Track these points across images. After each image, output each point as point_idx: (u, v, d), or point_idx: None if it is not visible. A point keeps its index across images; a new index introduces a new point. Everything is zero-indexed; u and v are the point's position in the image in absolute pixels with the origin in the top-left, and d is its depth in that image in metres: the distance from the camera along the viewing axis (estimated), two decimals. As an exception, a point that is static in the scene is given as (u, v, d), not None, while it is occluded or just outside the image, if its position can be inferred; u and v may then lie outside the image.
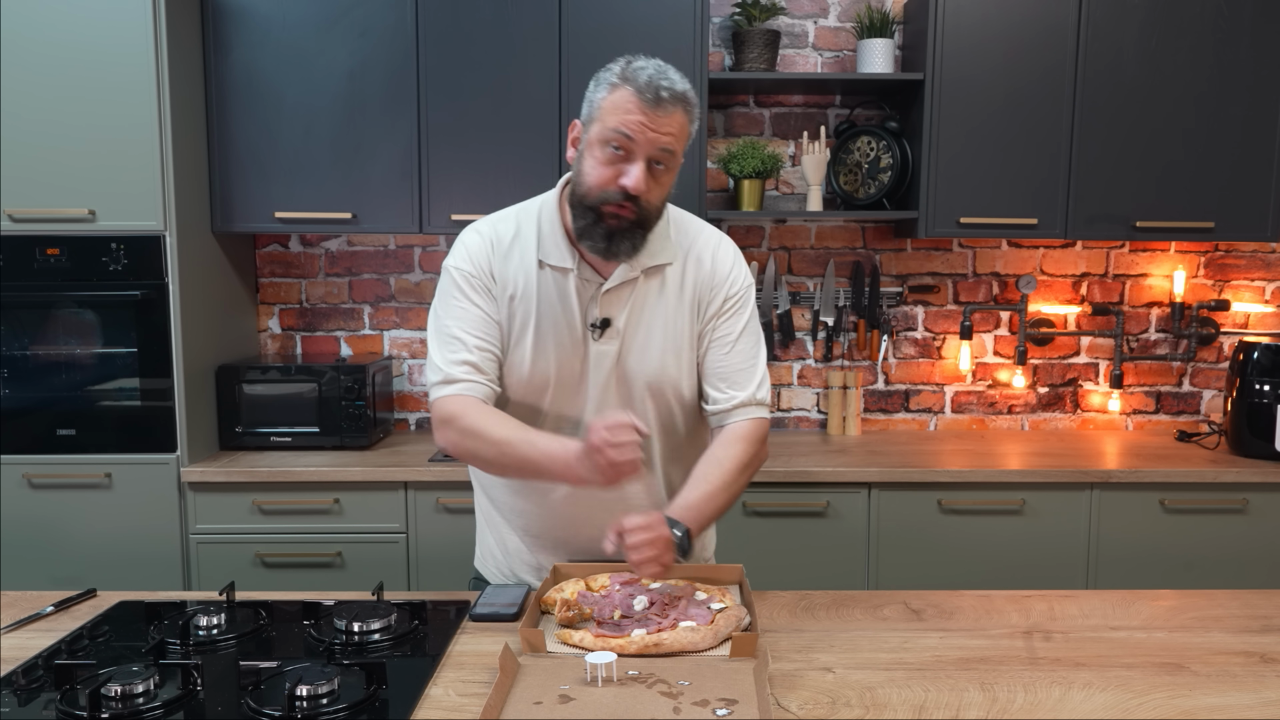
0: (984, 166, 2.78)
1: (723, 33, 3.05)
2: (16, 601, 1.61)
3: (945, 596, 1.61)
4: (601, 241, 1.49)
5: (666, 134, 1.44)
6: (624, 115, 1.43)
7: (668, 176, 1.49)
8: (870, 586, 2.66)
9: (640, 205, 1.47)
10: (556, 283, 1.56)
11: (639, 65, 1.46)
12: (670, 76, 1.45)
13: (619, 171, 1.45)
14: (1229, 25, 2.74)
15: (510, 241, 1.58)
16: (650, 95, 1.42)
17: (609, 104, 1.45)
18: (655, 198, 1.49)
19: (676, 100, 1.44)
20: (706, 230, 1.67)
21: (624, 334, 1.57)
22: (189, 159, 2.65)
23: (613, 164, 1.45)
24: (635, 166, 1.44)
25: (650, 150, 1.44)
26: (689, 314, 1.61)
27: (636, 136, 1.43)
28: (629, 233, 1.48)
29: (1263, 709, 1.23)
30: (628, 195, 1.45)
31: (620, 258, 1.52)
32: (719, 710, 1.18)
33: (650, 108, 1.42)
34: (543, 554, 1.68)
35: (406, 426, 3.22)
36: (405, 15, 2.70)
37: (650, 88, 1.42)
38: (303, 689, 1.21)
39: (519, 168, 2.75)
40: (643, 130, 1.43)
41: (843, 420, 3.13)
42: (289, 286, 3.17)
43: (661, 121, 1.43)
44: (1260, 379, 2.79)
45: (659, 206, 1.52)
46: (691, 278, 1.61)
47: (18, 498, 2.60)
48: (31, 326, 2.61)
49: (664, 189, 1.50)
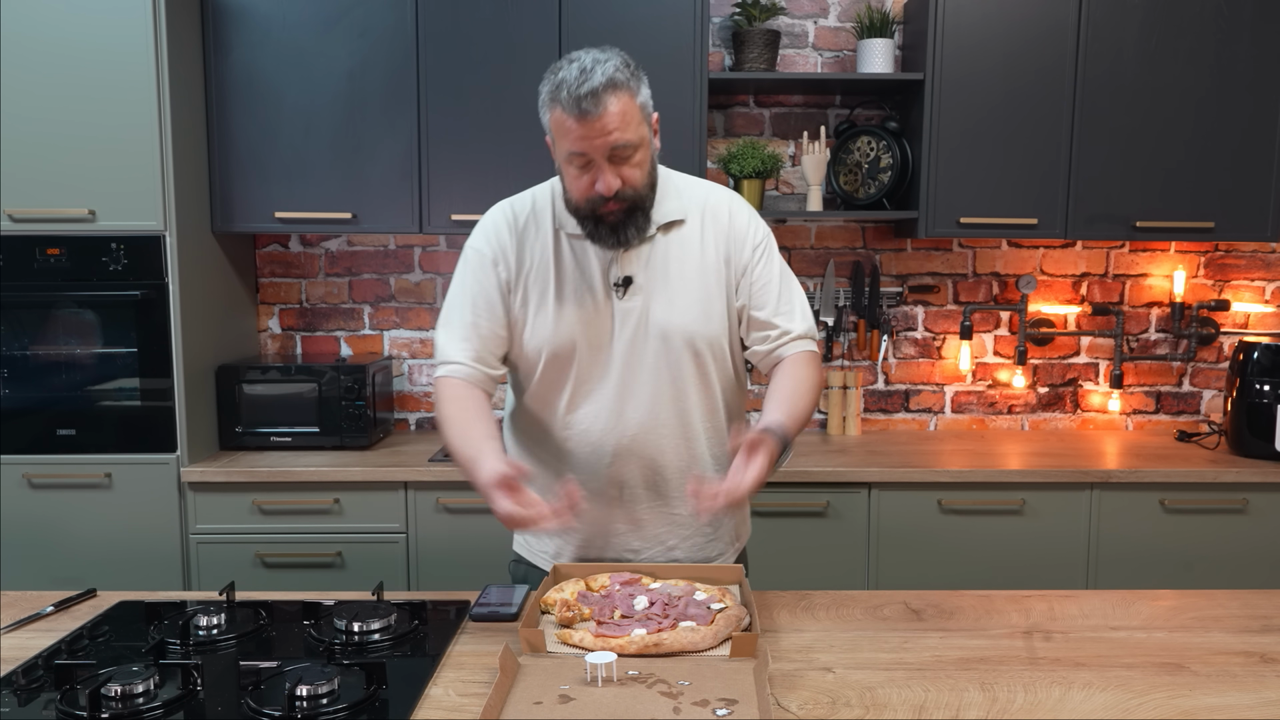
0: (984, 166, 2.78)
1: (723, 33, 3.05)
2: (16, 601, 1.61)
3: (945, 596, 1.61)
4: (609, 237, 1.56)
5: (610, 132, 1.47)
6: (567, 136, 1.49)
7: (639, 154, 1.52)
8: (870, 586, 2.66)
9: (625, 195, 1.52)
10: (575, 249, 1.62)
11: (561, 76, 1.47)
12: (590, 75, 1.45)
13: (592, 179, 1.51)
14: (1229, 25, 2.74)
15: (528, 216, 1.65)
16: (575, 110, 1.45)
17: (554, 127, 1.51)
18: (636, 180, 1.53)
19: (602, 95, 1.45)
20: (715, 188, 1.72)
21: (647, 289, 1.60)
22: (189, 159, 2.65)
23: (583, 174, 1.52)
24: (601, 173, 1.50)
25: (603, 151, 1.48)
26: (716, 268, 1.63)
27: (586, 150, 1.48)
28: (629, 219, 1.55)
29: (1263, 709, 1.23)
30: (609, 197, 1.51)
31: (633, 242, 1.57)
32: (719, 710, 1.18)
33: (581, 120, 1.46)
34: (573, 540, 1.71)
35: (406, 426, 3.22)
36: (405, 15, 2.70)
37: (573, 102, 1.45)
38: (303, 689, 1.21)
39: (519, 168, 2.74)
40: (588, 142, 1.47)
41: (843, 420, 3.14)
42: (289, 286, 3.17)
43: (599, 125, 1.46)
44: (1260, 379, 2.79)
45: (646, 183, 1.56)
46: (712, 232, 1.64)
47: (18, 498, 2.60)
48: (31, 326, 2.61)
49: (641, 167, 1.54)
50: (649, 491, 1.65)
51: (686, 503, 1.61)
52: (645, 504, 1.66)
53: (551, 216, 1.64)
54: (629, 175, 1.51)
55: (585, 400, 1.62)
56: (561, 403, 1.63)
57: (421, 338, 3.20)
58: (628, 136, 1.48)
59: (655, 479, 1.64)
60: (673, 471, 1.64)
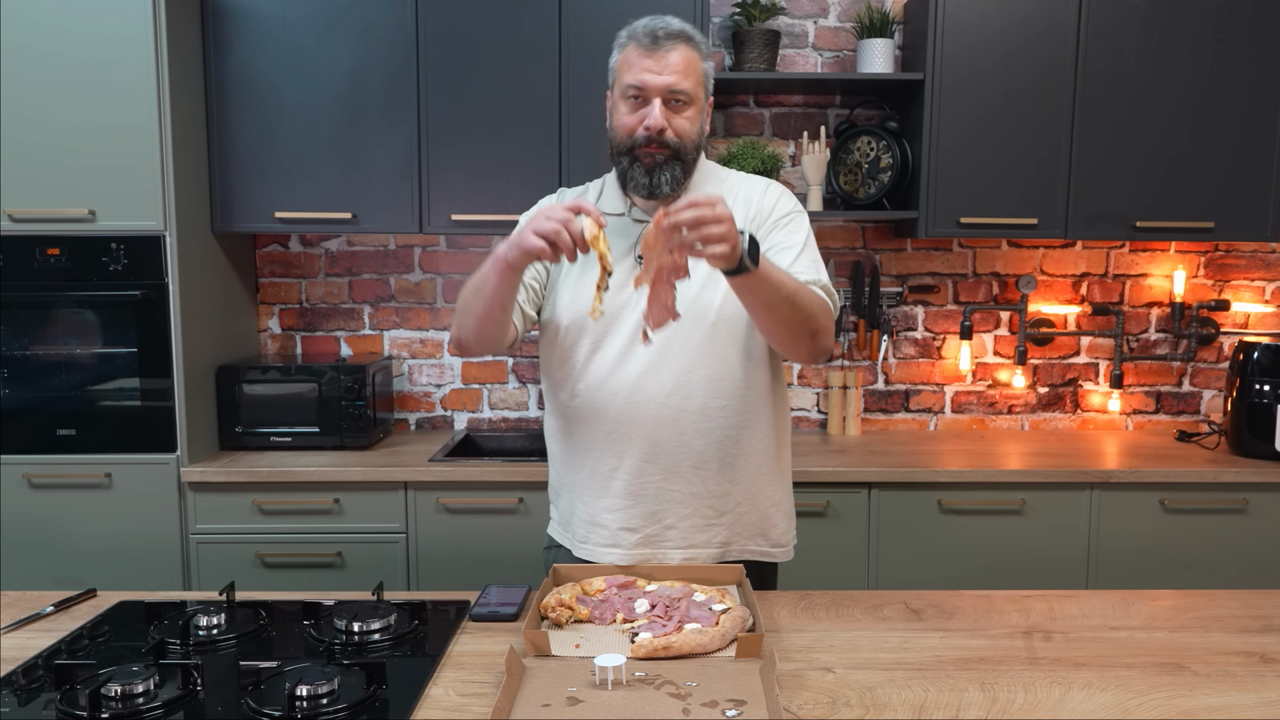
0: (984, 166, 2.78)
1: (723, 33, 3.05)
2: (16, 601, 1.61)
3: (945, 596, 1.61)
4: (643, 178, 1.60)
5: (673, 72, 1.55)
6: (631, 69, 1.57)
7: (690, 110, 1.59)
8: (870, 586, 2.66)
9: (668, 141, 1.57)
10: (612, 227, 1.63)
11: (640, 22, 1.59)
12: (667, 20, 1.58)
13: (641, 117, 1.57)
14: (1229, 25, 2.74)
15: (577, 195, 1.74)
16: (648, 40, 1.55)
17: (620, 63, 1.60)
18: (683, 131, 1.59)
19: (674, 38, 1.56)
20: (754, 178, 1.75)
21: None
22: (189, 159, 2.65)
23: (634, 112, 1.58)
24: (652, 107, 1.56)
25: (661, 91, 1.56)
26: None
27: (646, 82, 1.55)
28: (666, 166, 1.59)
29: (1263, 709, 1.23)
30: (654, 137, 1.56)
31: (663, 190, 1.60)
32: (728, 711, 1.18)
33: (650, 51, 1.55)
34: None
35: (406, 426, 3.22)
36: (405, 15, 2.70)
37: (648, 33, 1.56)
38: (303, 689, 1.21)
39: (519, 168, 2.75)
40: (650, 74, 1.55)
41: (843, 420, 3.13)
42: (289, 286, 3.17)
43: (664, 62, 1.55)
44: (1260, 379, 2.79)
45: (694, 140, 1.61)
46: (741, 210, 1.67)
47: (18, 498, 2.60)
48: (31, 326, 2.61)
49: (692, 123, 1.60)
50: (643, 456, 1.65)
51: (686, 480, 1.64)
52: (644, 476, 1.66)
53: (597, 199, 1.72)
54: (677, 124, 1.58)
55: (599, 360, 1.65)
56: (578, 358, 1.66)
57: (421, 338, 3.20)
58: (686, 85, 1.57)
59: (651, 447, 1.64)
60: (672, 444, 1.64)
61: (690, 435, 1.64)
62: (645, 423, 1.63)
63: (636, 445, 1.65)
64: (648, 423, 1.63)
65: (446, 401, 3.22)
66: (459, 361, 3.21)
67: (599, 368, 1.65)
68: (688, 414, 1.63)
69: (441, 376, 3.21)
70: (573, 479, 1.75)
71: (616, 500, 1.68)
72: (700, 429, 1.64)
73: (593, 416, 1.67)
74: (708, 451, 1.65)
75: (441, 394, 3.22)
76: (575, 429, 1.71)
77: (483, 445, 3.10)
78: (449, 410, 3.22)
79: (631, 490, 1.67)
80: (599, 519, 1.70)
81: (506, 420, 3.22)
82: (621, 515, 1.68)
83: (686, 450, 1.64)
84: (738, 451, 1.67)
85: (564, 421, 1.73)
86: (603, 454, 1.68)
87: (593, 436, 1.68)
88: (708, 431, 1.64)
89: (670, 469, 1.65)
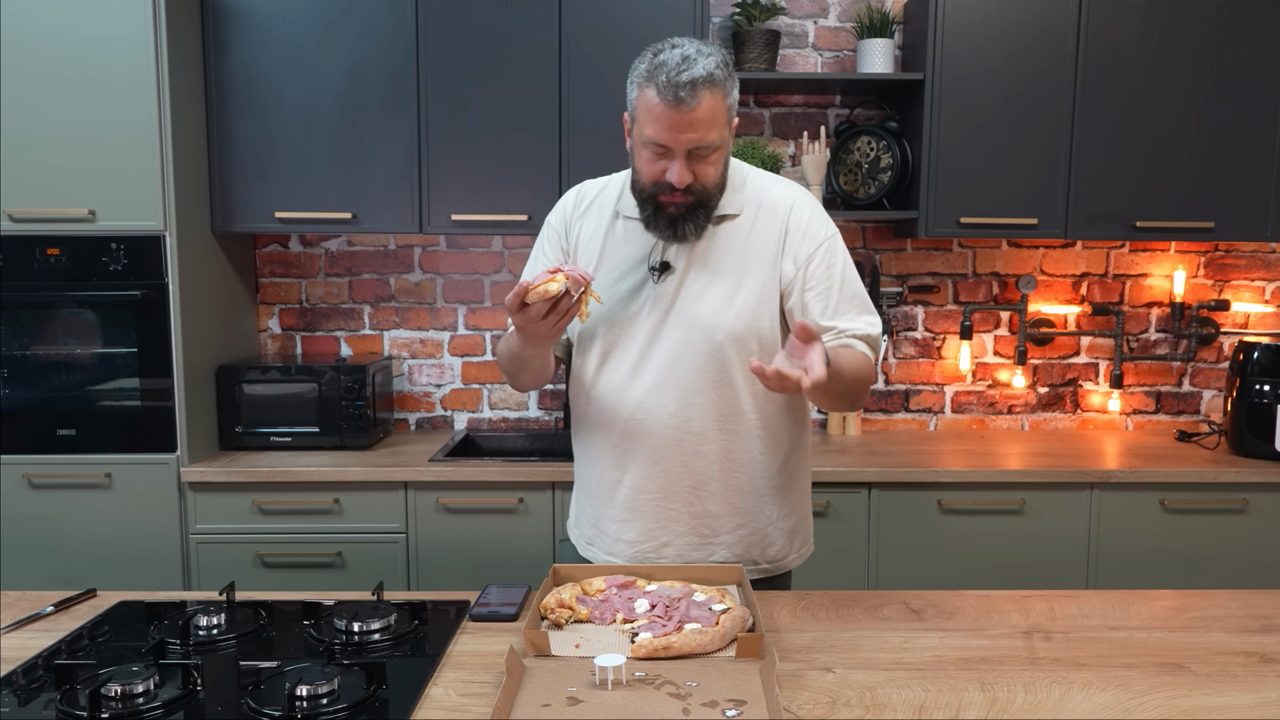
0: (984, 166, 2.78)
1: (723, 33, 3.05)
2: (16, 601, 1.61)
3: (945, 596, 1.61)
4: (667, 229, 1.58)
5: (696, 131, 1.48)
6: (653, 122, 1.49)
7: (716, 155, 1.53)
8: (870, 586, 2.66)
9: (694, 191, 1.54)
10: (627, 230, 1.66)
11: (663, 58, 1.48)
12: (692, 65, 1.46)
13: (664, 168, 1.52)
14: (1229, 25, 2.74)
15: (594, 197, 1.71)
16: (671, 97, 1.45)
17: (641, 106, 1.51)
18: (709, 178, 1.55)
19: (699, 89, 1.46)
20: (780, 182, 1.69)
21: (681, 278, 1.61)
22: (189, 159, 2.65)
23: (657, 161, 1.53)
24: (676, 164, 1.51)
25: (686, 147, 1.50)
26: (761, 263, 1.61)
27: (669, 141, 1.49)
28: (690, 215, 1.56)
29: (1263, 709, 1.23)
30: (677, 187, 1.52)
31: (688, 239, 1.59)
32: (728, 711, 1.18)
33: (673, 109, 1.46)
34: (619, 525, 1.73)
35: (406, 426, 3.22)
36: (405, 15, 2.70)
37: (670, 88, 1.45)
38: (303, 689, 1.21)
39: (519, 168, 2.75)
40: (673, 134, 1.48)
41: (843, 420, 3.13)
42: (289, 286, 3.17)
43: (689, 119, 1.47)
44: (1260, 379, 2.79)
45: (717, 183, 1.57)
46: (765, 228, 1.62)
47: (18, 498, 2.60)
48: (31, 326, 2.61)
49: (716, 167, 1.55)
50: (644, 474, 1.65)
51: (684, 500, 1.65)
52: (644, 493, 1.66)
53: (616, 198, 1.68)
54: (702, 172, 1.53)
55: (608, 371, 1.65)
56: (590, 367, 1.67)
57: (421, 338, 3.20)
58: (711, 138, 1.50)
59: (652, 466, 1.64)
60: (673, 464, 1.64)
61: (691, 457, 1.64)
62: (648, 440, 1.64)
63: (639, 462, 1.65)
64: (650, 440, 1.64)
65: (446, 401, 3.22)
66: (459, 361, 3.21)
67: (609, 378, 1.65)
68: (689, 436, 1.63)
69: (441, 376, 3.21)
70: (584, 480, 1.78)
71: (619, 511, 1.70)
72: (700, 451, 1.64)
73: (603, 426, 1.68)
74: (707, 473, 1.65)
75: (441, 394, 3.22)
76: (589, 434, 1.73)
77: (483, 445, 3.10)
78: (449, 410, 3.22)
79: (631, 505, 1.68)
80: (603, 525, 1.73)
81: (506, 420, 3.22)
82: (621, 526, 1.70)
83: (686, 471, 1.64)
84: (738, 474, 1.66)
85: (580, 425, 1.76)
86: (609, 464, 1.69)
87: (603, 445, 1.69)
88: (707, 454, 1.64)
89: (668, 489, 1.66)
